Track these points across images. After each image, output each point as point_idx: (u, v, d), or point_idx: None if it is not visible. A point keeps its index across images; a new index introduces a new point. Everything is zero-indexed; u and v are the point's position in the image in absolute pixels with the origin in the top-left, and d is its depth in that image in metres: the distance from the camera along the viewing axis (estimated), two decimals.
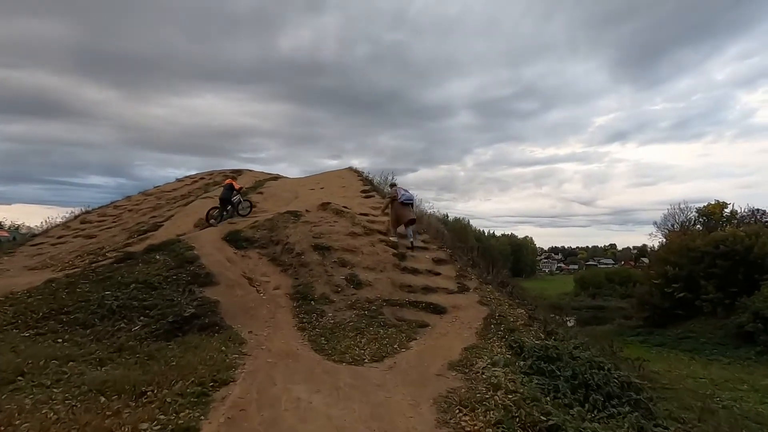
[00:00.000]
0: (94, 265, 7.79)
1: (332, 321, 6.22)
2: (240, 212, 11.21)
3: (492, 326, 6.15)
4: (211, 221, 10.45)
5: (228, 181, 11.53)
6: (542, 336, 5.95)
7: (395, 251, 8.80)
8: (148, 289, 6.34)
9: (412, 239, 9.41)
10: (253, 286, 7.12)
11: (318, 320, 6.21)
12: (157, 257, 7.59)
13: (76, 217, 15.04)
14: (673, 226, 35.16)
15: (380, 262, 8.28)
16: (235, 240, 8.74)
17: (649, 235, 39.02)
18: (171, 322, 5.49)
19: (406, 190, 10.00)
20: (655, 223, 37.20)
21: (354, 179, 15.72)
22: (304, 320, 6.16)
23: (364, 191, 13.46)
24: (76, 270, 7.71)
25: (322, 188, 14.51)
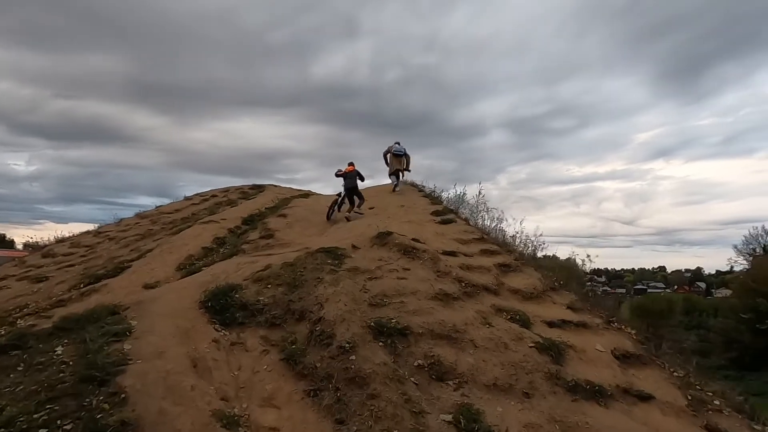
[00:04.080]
0: None
1: None
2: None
3: None
4: (344, 214, 9.79)
5: (350, 168, 10.17)
6: None
7: (539, 338, 4.55)
8: None
9: (396, 185, 12.33)
10: None
11: None
12: (57, 353, 3.85)
13: (42, 247, 11.99)
14: (755, 249, 31.35)
15: (516, 368, 4.05)
16: (222, 308, 4.86)
17: (728, 259, 34.61)
18: None
19: (399, 144, 12.08)
20: (735, 246, 33.81)
21: (415, 195, 11.70)
22: None
23: (436, 213, 9.37)
24: None
25: (371, 208, 10.57)
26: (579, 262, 8.19)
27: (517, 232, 8.54)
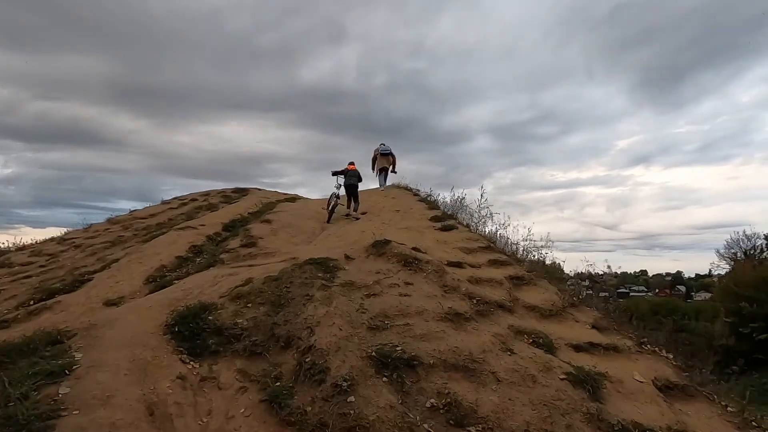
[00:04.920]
0: None
1: None
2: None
3: None
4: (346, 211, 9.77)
5: (352, 167, 10.05)
6: None
7: (570, 367, 3.89)
8: None
9: (384, 184, 13.09)
10: None
11: None
12: None
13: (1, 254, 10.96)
14: (736, 254, 32.08)
15: (550, 408, 3.37)
16: (192, 333, 4.10)
17: (711, 263, 36.77)
18: None
19: (385, 144, 12.90)
20: (717, 251, 34.27)
21: (410, 200, 11.03)
22: None
23: (435, 218, 8.71)
24: None
25: (364, 213, 9.87)
26: (561, 265, 7.45)
27: (525, 239, 7.89)
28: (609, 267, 7.56)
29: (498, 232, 8.62)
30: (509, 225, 8.56)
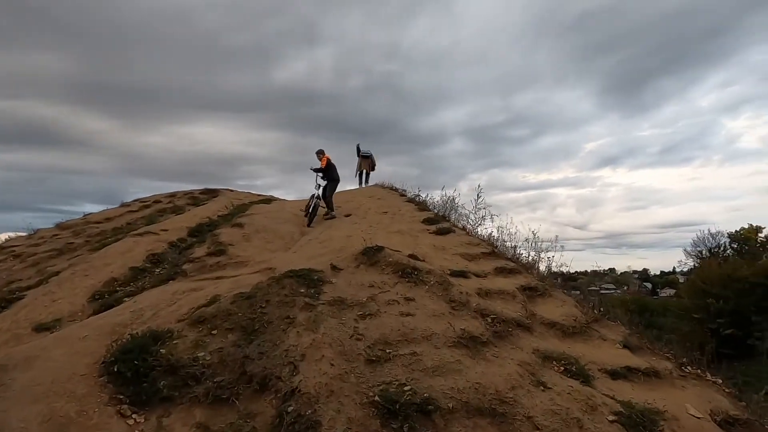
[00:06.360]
0: None
1: None
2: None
3: None
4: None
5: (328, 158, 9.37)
6: None
7: (616, 403, 3.19)
8: None
9: (365, 183, 13.92)
10: None
11: None
12: None
13: None
14: (701, 252, 34.07)
15: None
16: (136, 374, 3.19)
17: (678, 261, 39.69)
18: None
19: (366, 149, 13.85)
20: (684, 249, 36.45)
21: (397, 200, 10.25)
22: None
23: (428, 221, 7.96)
24: None
25: (348, 216, 9.03)
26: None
27: (527, 240, 7.23)
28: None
29: (491, 234, 7.93)
30: (510, 226, 7.86)
